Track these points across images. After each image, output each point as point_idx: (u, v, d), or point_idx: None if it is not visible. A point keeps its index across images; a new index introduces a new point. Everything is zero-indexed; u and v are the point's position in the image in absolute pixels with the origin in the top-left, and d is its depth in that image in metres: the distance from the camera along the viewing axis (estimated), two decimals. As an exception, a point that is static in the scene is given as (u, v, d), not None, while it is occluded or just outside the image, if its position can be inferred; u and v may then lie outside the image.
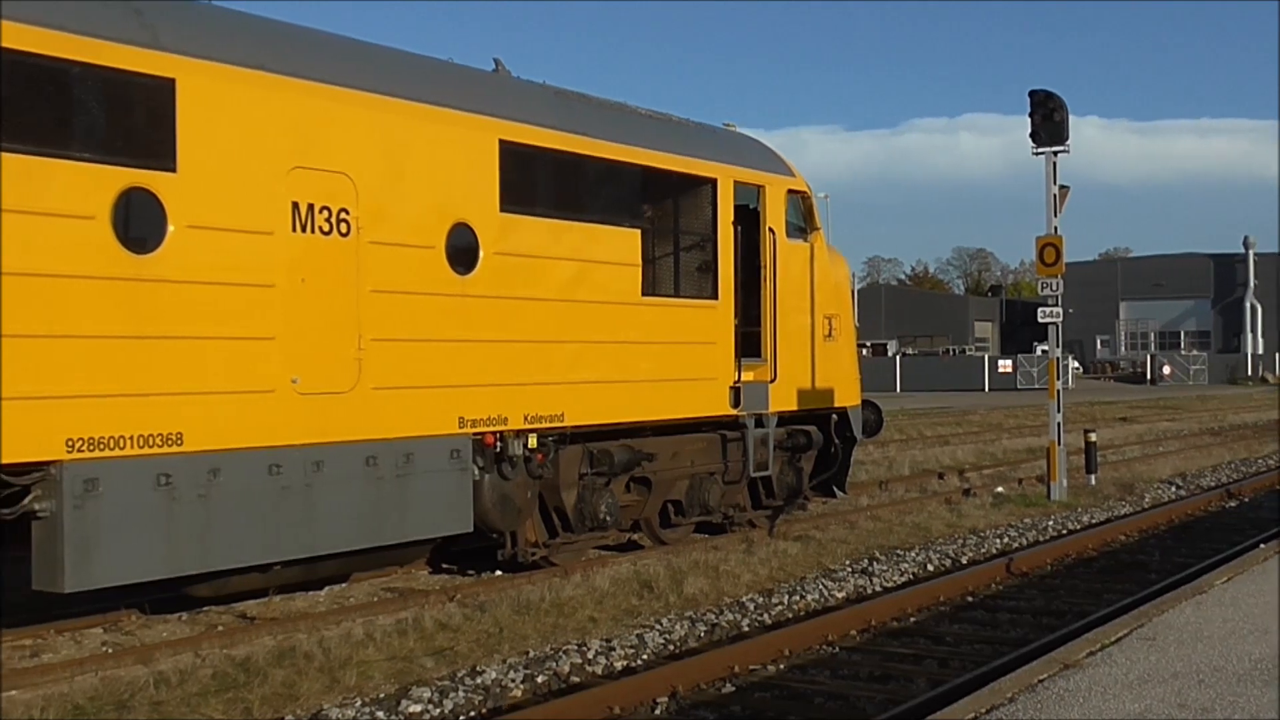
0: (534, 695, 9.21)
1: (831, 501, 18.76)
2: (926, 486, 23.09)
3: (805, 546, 15.52)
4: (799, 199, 16.94)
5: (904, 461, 26.95)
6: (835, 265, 17.79)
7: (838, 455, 17.77)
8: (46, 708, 8.54)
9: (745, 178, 15.93)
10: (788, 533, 16.48)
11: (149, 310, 9.77)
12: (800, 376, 16.68)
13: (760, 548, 15.27)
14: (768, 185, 16.25)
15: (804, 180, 17.14)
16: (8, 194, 8.97)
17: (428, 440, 11.91)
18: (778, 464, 16.63)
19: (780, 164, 16.88)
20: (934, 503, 19.93)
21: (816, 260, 17.10)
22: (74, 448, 9.31)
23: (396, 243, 11.64)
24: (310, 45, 11.57)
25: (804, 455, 17.22)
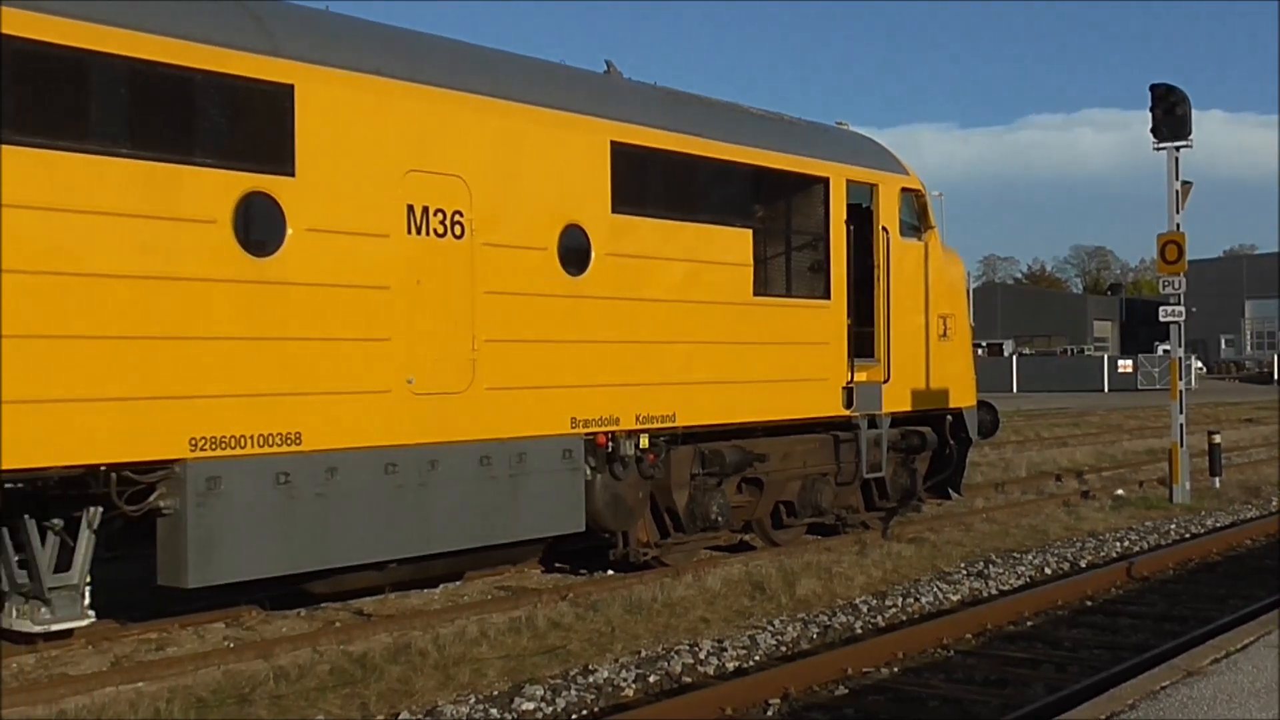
0: (646, 695, 9.21)
1: (946, 503, 18.53)
2: (1044, 488, 22.69)
3: (919, 549, 15.35)
4: (913, 197, 16.75)
5: (1020, 463, 26.52)
6: (950, 264, 17.55)
7: (953, 456, 17.54)
8: (171, 700, 8.72)
9: (858, 176, 15.79)
10: (902, 535, 16.31)
11: (269, 312, 9.95)
12: (914, 377, 16.49)
13: (873, 549, 15.14)
14: (881, 184, 16.10)
15: (918, 178, 16.94)
16: (136, 200, 9.20)
17: (540, 440, 11.98)
18: (891, 465, 16.46)
19: (894, 162, 16.70)
20: (1051, 505, 19.59)
21: (931, 259, 16.89)
22: (197, 447, 9.52)
23: (510, 244, 11.72)
24: (425, 49, 11.70)
25: (918, 456, 17.02)
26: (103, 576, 10.08)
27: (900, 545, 15.52)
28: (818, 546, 15.44)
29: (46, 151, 8.78)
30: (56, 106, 8.91)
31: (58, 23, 8.84)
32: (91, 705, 8.71)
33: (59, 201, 8.81)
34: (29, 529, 9.48)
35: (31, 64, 8.75)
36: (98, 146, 9.05)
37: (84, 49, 8.97)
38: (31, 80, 8.78)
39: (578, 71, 13.45)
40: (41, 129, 8.78)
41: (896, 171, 16.54)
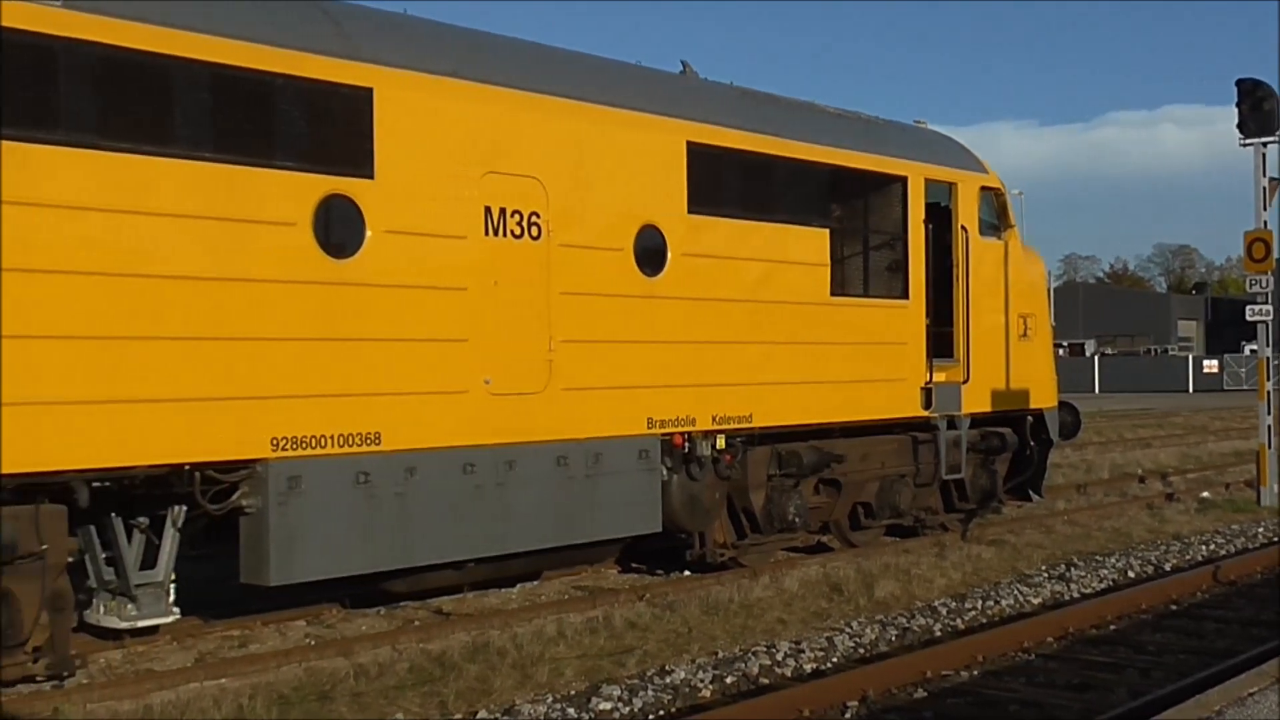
0: (723, 696, 9.18)
1: (1027, 505, 18.31)
2: (1127, 490, 22.36)
3: (1000, 551, 15.18)
4: (992, 195, 16.58)
5: (1103, 465, 26.16)
6: (1030, 263, 17.35)
7: (1033, 458, 17.33)
8: (254, 697, 8.82)
9: (936, 175, 15.66)
10: (981, 537, 16.14)
11: (348, 313, 10.05)
12: (994, 377, 16.31)
13: (953, 551, 14.99)
14: (960, 182, 15.95)
15: (997, 176, 16.76)
16: (218, 204, 9.33)
17: (617, 440, 11.99)
18: (971, 466, 16.29)
19: (972, 160, 16.54)
20: (1134, 507, 19.29)
21: (1010, 258, 16.71)
22: (279, 446, 9.64)
23: (586, 245, 11.75)
24: (501, 52, 11.76)
25: (998, 458, 16.83)
26: (187, 574, 10.23)
27: (980, 547, 15.36)
28: (896, 548, 15.32)
29: (131, 156, 8.92)
30: (140, 112, 9.06)
31: (139, 29, 8.99)
32: (176, 701, 8.83)
33: (142, 205, 8.96)
34: (116, 527, 9.65)
35: (114, 70, 8.90)
36: (180, 151, 9.18)
37: (166, 54, 9.11)
38: (115, 86, 8.93)
39: (653, 72, 13.45)
40: (125, 134, 8.93)
41: (975, 170, 16.38)
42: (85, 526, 9.66)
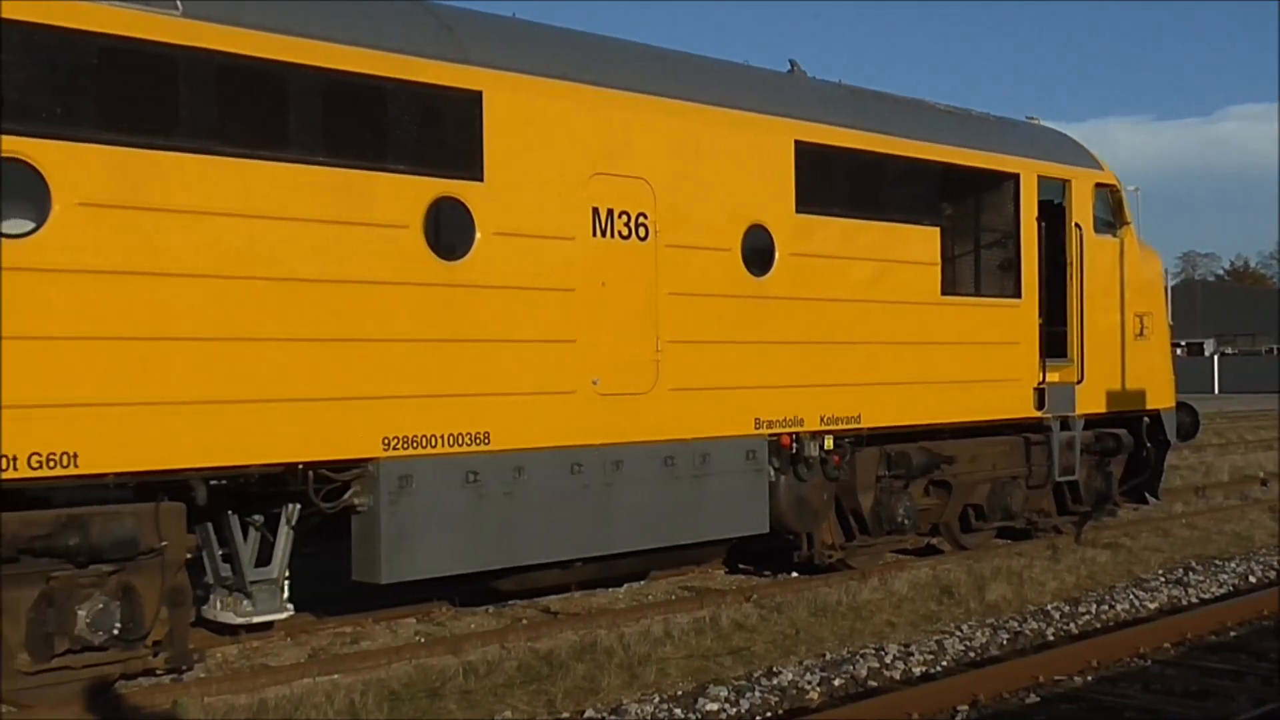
0: (831, 698, 9.12)
1: (1143, 508, 17.95)
2: (1248, 493, 21.79)
3: (1115, 554, 14.90)
4: (1107, 193, 16.27)
5: (1223, 467, 25.54)
6: (1146, 261, 17.00)
7: (1150, 459, 16.98)
8: (365, 693, 8.94)
9: (1049, 172, 15.42)
10: (1096, 540, 15.86)
11: (458, 314, 10.16)
12: (1109, 377, 16.01)
13: (1066, 555, 14.75)
14: (1073, 179, 15.68)
15: (1112, 173, 16.45)
16: (331, 207, 9.48)
17: (724, 441, 11.98)
18: (1085, 468, 16.01)
19: (1086, 157, 16.25)
20: (1256, 510, 18.80)
21: (1126, 256, 16.39)
22: (390, 446, 9.77)
23: (693, 245, 11.75)
24: (609, 53, 11.81)
25: (1113, 459, 16.52)
26: (300, 571, 10.40)
27: (1095, 551, 15.09)
28: (1008, 551, 15.11)
29: (250, 162, 9.11)
30: (257, 118, 9.24)
31: (256, 36, 9.17)
32: (290, 696, 8.98)
33: (258, 209, 9.14)
34: (232, 524, 9.86)
35: (233, 77, 9.09)
36: (295, 155, 9.36)
37: (282, 61, 9.29)
38: (233, 93, 9.12)
39: (761, 72, 13.41)
40: (242, 140, 9.12)
41: (1090, 166, 16.09)
42: (203, 524, 9.88)
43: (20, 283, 8.12)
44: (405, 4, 10.57)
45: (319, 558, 10.92)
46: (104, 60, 8.53)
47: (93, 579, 8.75)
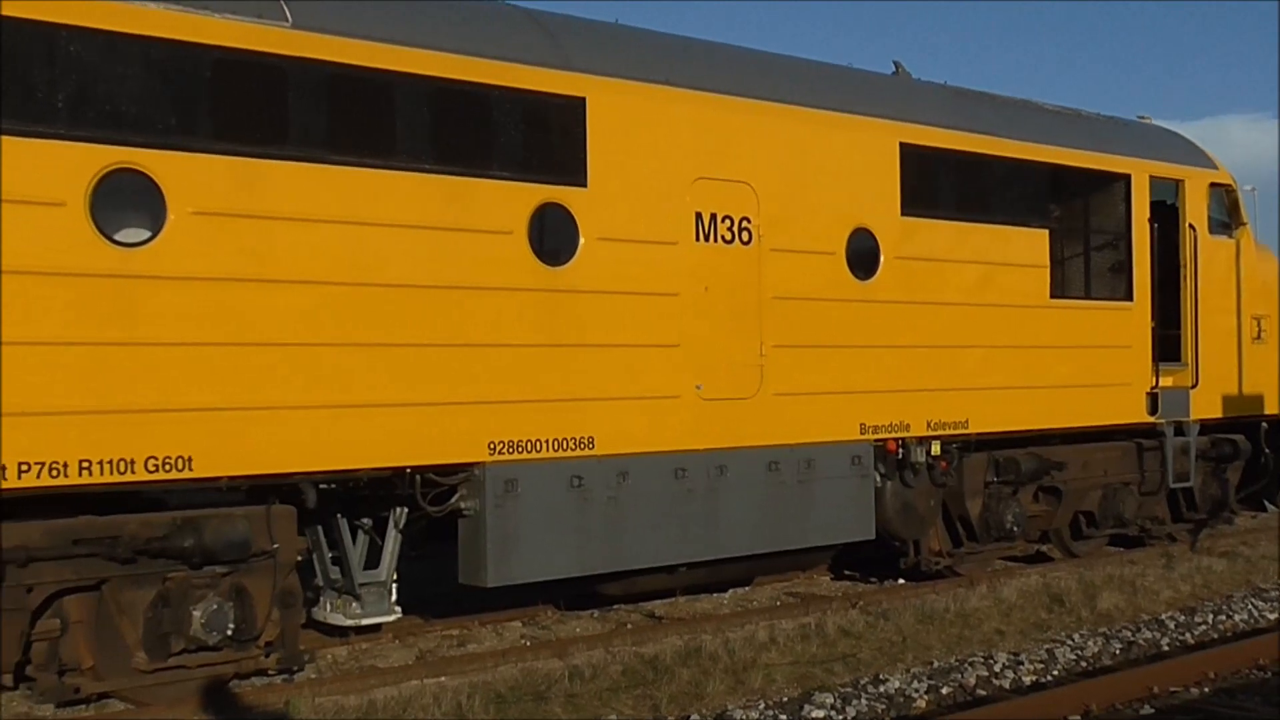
0: (938, 706, 9.01)
1: (1262, 516, 17.49)
2: (1372, 501, 21.13)
3: (1232, 563, 14.53)
4: (1222, 193, 15.91)
5: (1345, 474, 24.77)
6: (1264, 262, 16.59)
7: (1268, 466, 16.56)
8: (472, 695, 9.00)
9: (1162, 172, 15.11)
10: (1212, 548, 15.48)
11: (562, 319, 10.21)
12: (1225, 381, 15.64)
13: (1181, 563, 14.41)
14: (1187, 179, 15.36)
15: (1227, 172, 16.08)
16: (437, 213, 9.59)
17: (829, 446, 11.90)
18: (1200, 475, 15.65)
19: (1200, 156, 15.90)
20: (1381, 519, 18.22)
21: (1242, 257, 16.01)
22: (496, 450, 9.85)
23: (797, 249, 11.69)
24: (712, 57, 11.80)
25: (1229, 466, 16.14)
26: (408, 574, 10.50)
27: (1211, 559, 14.73)
28: (1120, 559, 14.81)
29: (357, 169, 9.25)
30: (365, 126, 9.37)
31: (363, 46, 9.31)
32: (398, 697, 9.06)
33: (366, 216, 9.27)
34: (342, 528, 10.01)
35: (340, 86, 9.23)
36: (401, 163, 9.48)
37: (388, 70, 9.42)
38: (341, 102, 9.27)
39: (865, 74, 13.31)
40: (350, 148, 9.26)
41: (1204, 166, 15.75)
42: (313, 527, 10.04)
43: (137, 290, 8.32)
44: (509, 11, 10.66)
45: (426, 561, 11.03)
46: (216, 72, 8.71)
47: (207, 580, 8.94)
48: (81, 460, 8.10)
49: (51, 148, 8.08)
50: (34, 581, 8.36)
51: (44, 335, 8.00)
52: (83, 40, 8.21)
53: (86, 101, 8.23)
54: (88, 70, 8.23)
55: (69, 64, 8.17)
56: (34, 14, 8.04)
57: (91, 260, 8.19)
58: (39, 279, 7.99)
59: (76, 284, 8.12)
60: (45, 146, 8.06)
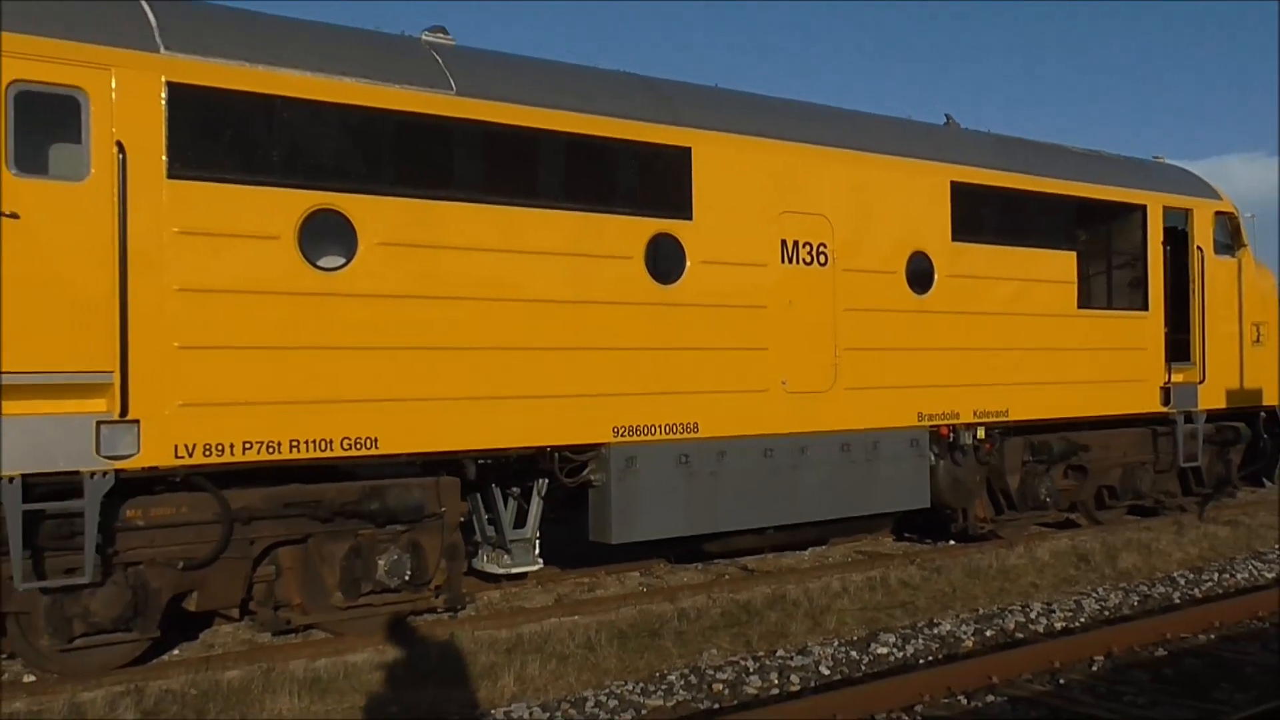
0: (983, 646, 8.89)
1: (1260, 490, 16.90)
2: (1357, 479, 20.31)
3: (1234, 530, 14.09)
4: (1225, 219, 15.43)
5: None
6: (1263, 278, 16.05)
7: (1266, 449, 16.01)
8: (599, 631, 9.06)
9: (1173, 203, 14.71)
10: (1217, 517, 15.02)
11: (672, 327, 10.25)
12: (1228, 378, 15.17)
13: (1190, 530, 14.01)
14: (1195, 208, 14.92)
15: (1230, 202, 15.58)
16: (572, 242, 9.68)
17: (891, 431, 11.79)
18: (1206, 456, 15.20)
19: (1207, 189, 15.44)
20: (1365, 494, 17.50)
21: (1244, 274, 15.50)
22: (619, 434, 9.92)
23: (865, 270, 11.60)
24: (794, 112, 11.75)
25: (1232, 448, 15.65)
26: (549, 533, 10.61)
27: (1216, 526, 14.30)
28: (1138, 526, 14.44)
29: (508, 208, 9.37)
30: (514, 173, 9.49)
31: (512, 108, 9.43)
32: (540, 632, 9.16)
33: (515, 244, 9.39)
34: (495, 495, 10.14)
35: (494, 141, 9.37)
36: (543, 202, 9.58)
37: (533, 127, 9.53)
38: (495, 153, 9.40)
39: (920, 124, 13.15)
40: (502, 190, 9.38)
41: (1210, 197, 15.28)
42: (473, 494, 10.19)
43: (334, 306, 8.53)
44: (629, 78, 10.71)
45: (563, 522, 11.15)
46: (397, 131, 8.89)
47: (389, 536, 9.12)
48: (291, 440, 8.32)
49: (268, 194, 8.32)
50: (255, 536, 8.62)
51: (264, 341, 8.24)
52: (293, 107, 8.44)
53: (296, 156, 8.45)
54: (297, 131, 8.46)
55: (282, 126, 8.41)
56: (256, 86, 8.29)
57: (299, 282, 8.41)
58: (260, 297, 8.23)
59: (288, 301, 8.34)
60: (264, 193, 8.30)
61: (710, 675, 7.92)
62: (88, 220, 7.64)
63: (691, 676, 7.89)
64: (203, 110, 8.06)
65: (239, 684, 7.68)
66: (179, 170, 7.96)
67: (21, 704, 7.26)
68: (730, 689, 7.67)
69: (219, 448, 8.04)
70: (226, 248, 8.11)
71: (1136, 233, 14.36)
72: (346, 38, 9.12)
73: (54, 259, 7.51)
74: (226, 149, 8.16)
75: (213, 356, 8.04)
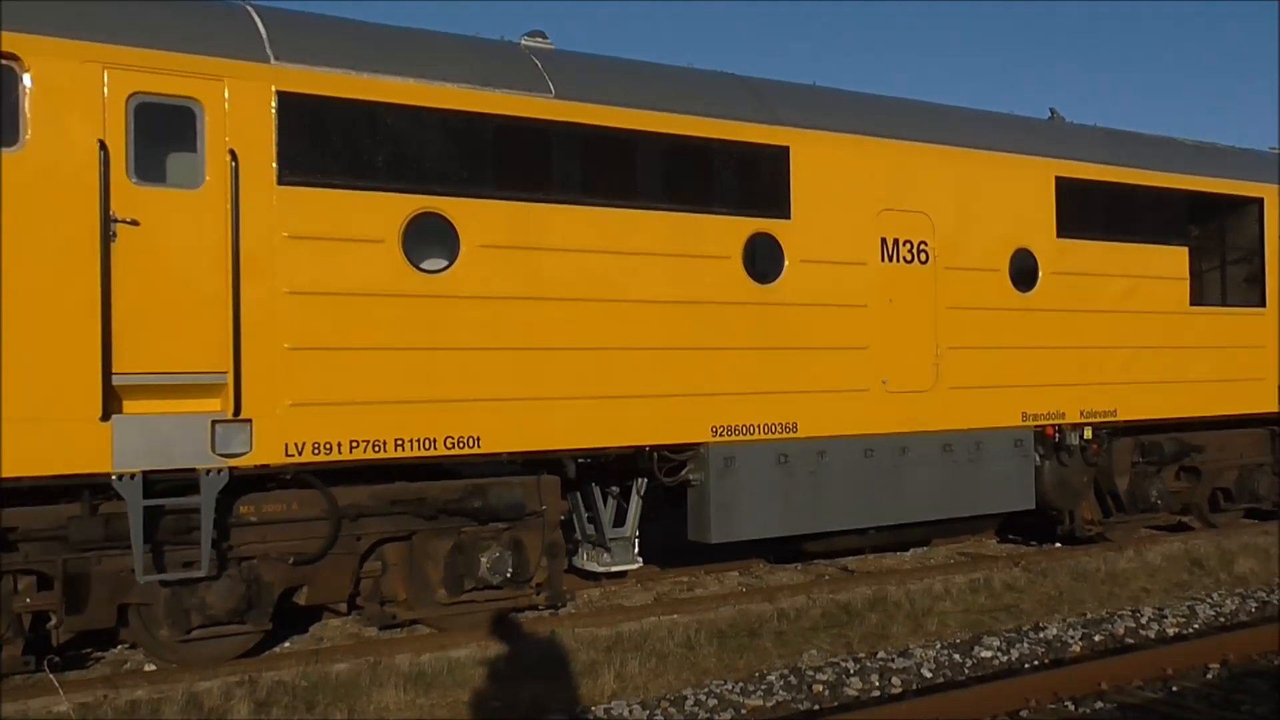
0: (1092, 651, 8.66)
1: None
2: None
3: (1359, 535, 13.52)
4: (1348, 212, 14.79)
5: None
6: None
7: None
8: (699, 630, 9.02)
9: (1292, 195, 14.16)
10: (1341, 522, 14.42)
11: (770, 327, 10.19)
12: (1352, 377, 14.56)
13: (1312, 535, 13.48)
14: (1315, 201, 14.34)
15: (1353, 194, 14.92)
16: (670, 243, 9.68)
17: (995, 431, 11.56)
18: (1329, 457, 14.60)
19: (1328, 180, 14.82)
20: None
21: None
22: (717, 433, 9.89)
23: (967, 267, 11.40)
24: (893, 109, 11.59)
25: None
26: (648, 532, 10.63)
27: (1339, 531, 13.73)
28: (1255, 529, 13.93)
29: (608, 209, 9.42)
30: (614, 175, 9.52)
31: (611, 110, 9.47)
32: (640, 630, 9.16)
33: (614, 245, 9.43)
34: (595, 494, 10.20)
35: (593, 143, 9.42)
36: (642, 203, 9.60)
37: (632, 129, 9.56)
38: (594, 156, 9.45)
39: (1023, 119, 12.87)
40: (601, 192, 9.43)
41: (1331, 189, 14.67)
42: (573, 493, 10.26)
43: (438, 307, 8.66)
44: (726, 78, 10.68)
45: (662, 521, 11.16)
46: (497, 135, 9.00)
47: (491, 534, 9.23)
48: (396, 438, 8.47)
49: (374, 198, 8.48)
50: (362, 533, 8.80)
51: (369, 342, 8.41)
52: (397, 113, 8.59)
53: (399, 161, 8.61)
54: (400, 136, 8.61)
55: (386, 132, 8.56)
56: (361, 94, 8.46)
57: (404, 284, 8.56)
58: (366, 299, 8.40)
59: (393, 303, 8.50)
60: (369, 197, 8.47)
61: (810, 676, 7.85)
62: (203, 226, 7.88)
63: (791, 677, 7.83)
64: (311, 118, 8.26)
65: (347, 676, 7.84)
66: (288, 177, 8.16)
67: (143, 692, 7.51)
68: (830, 690, 7.60)
69: (327, 446, 8.23)
70: (334, 251, 8.29)
71: (1253, 226, 13.86)
72: (447, 44, 9.25)
73: (171, 264, 7.76)
74: (333, 155, 8.34)
75: (321, 357, 8.23)
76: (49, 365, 7.38)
